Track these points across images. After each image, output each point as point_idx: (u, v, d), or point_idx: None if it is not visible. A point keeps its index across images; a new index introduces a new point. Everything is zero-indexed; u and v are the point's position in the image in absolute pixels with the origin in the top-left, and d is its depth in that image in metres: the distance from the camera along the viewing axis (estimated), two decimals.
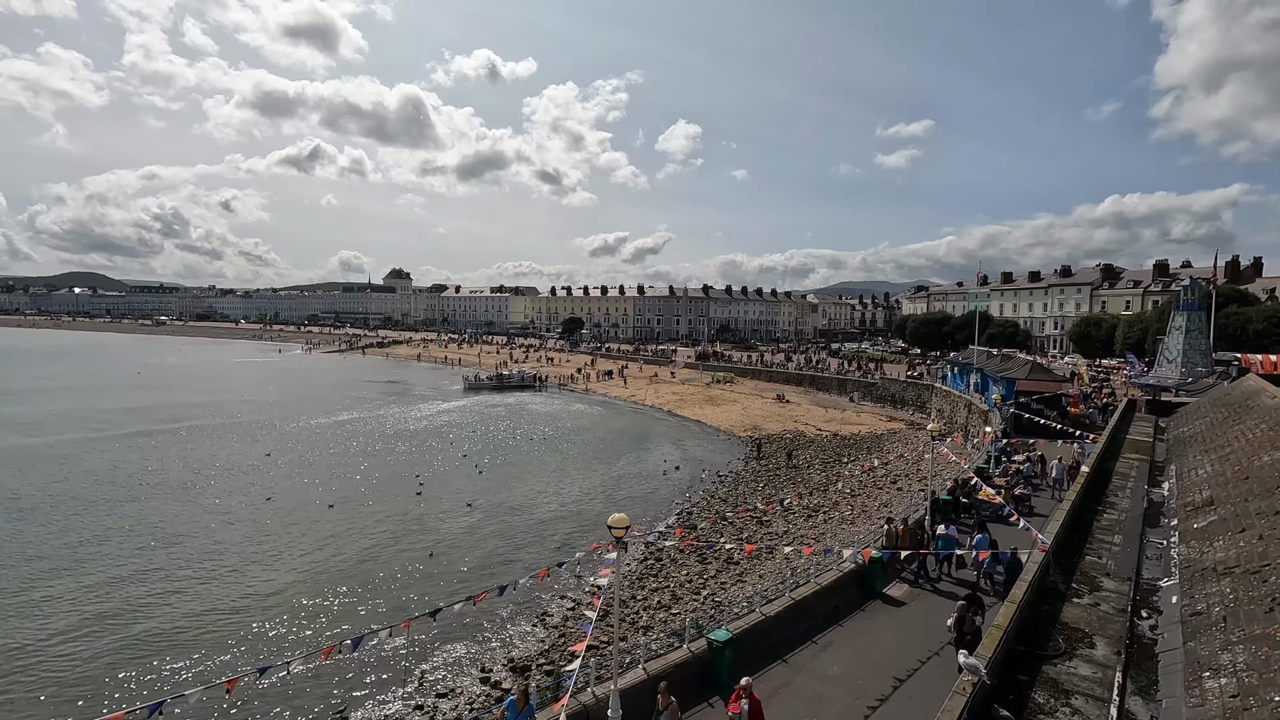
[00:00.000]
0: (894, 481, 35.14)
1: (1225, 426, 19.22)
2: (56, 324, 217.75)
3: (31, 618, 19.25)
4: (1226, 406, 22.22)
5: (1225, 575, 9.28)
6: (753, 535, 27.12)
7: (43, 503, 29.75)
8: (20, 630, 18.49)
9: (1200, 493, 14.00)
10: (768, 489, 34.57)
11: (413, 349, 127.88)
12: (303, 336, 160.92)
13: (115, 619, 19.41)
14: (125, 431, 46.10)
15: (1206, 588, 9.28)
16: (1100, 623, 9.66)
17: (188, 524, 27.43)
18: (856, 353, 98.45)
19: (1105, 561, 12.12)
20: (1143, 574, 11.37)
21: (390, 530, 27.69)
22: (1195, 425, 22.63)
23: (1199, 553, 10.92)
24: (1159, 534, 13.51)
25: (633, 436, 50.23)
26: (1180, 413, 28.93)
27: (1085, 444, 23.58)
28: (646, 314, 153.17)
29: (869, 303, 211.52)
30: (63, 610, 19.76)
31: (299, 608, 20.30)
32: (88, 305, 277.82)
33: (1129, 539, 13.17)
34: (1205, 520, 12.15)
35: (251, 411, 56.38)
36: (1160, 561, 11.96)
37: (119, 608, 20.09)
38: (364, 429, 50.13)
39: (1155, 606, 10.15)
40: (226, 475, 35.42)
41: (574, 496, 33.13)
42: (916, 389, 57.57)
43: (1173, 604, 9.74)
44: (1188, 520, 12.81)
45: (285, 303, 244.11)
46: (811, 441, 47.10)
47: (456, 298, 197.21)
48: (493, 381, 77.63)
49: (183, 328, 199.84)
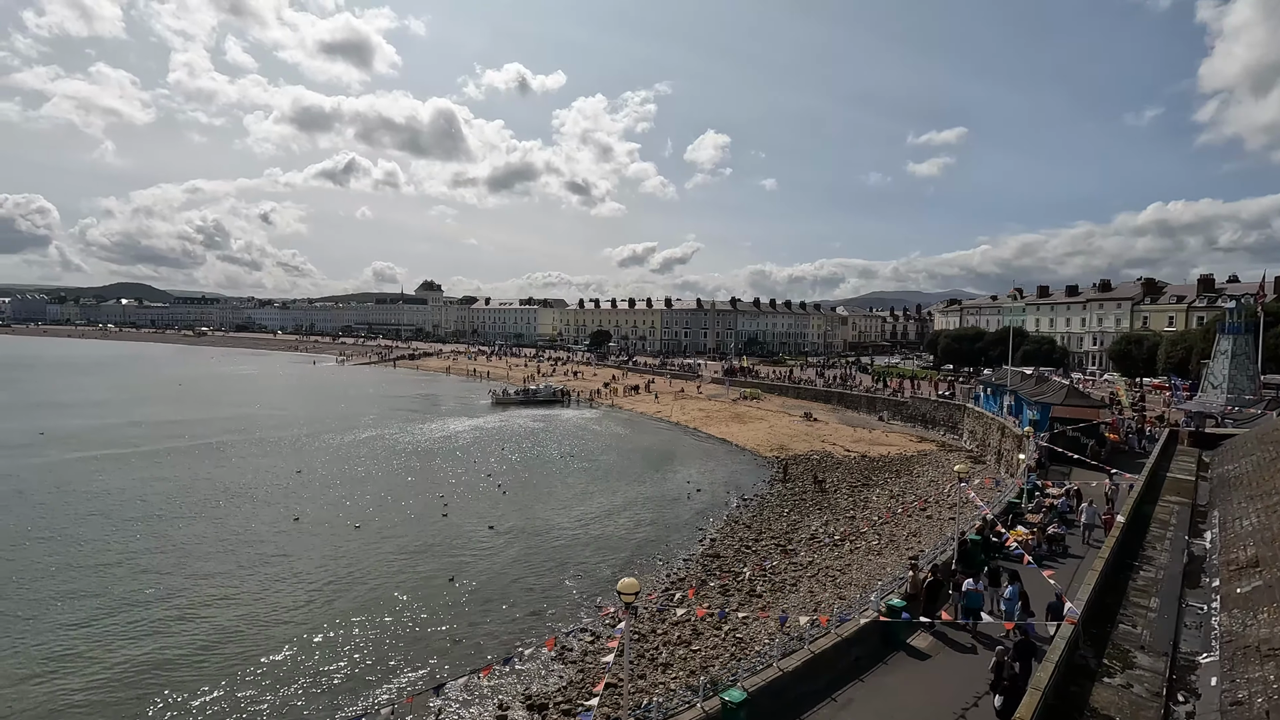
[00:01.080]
0: (923, 509, 34.32)
1: (1273, 468, 18.28)
2: (104, 334, 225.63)
3: (49, 641, 19.71)
4: (1275, 444, 21.19)
5: (1270, 658, 8.69)
6: (777, 565, 26.68)
7: (75, 522, 30.59)
8: (36, 653, 18.94)
9: (1244, 549, 13.28)
10: (793, 515, 34.04)
11: (443, 361, 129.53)
12: (337, 348, 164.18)
13: (129, 642, 19.76)
14: (163, 447, 47.34)
15: (1249, 671, 8.70)
16: (1133, 709, 9.08)
17: (215, 545, 27.93)
18: (886, 369, 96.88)
19: (1140, 631, 11.47)
20: (1180, 647, 10.75)
21: (414, 553, 27.87)
22: (1241, 464, 21.60)
23: (1242, 625, 10.29)
24: (1200, 597, 12.82)
25: (658, 455, 50.00)
26: (1225, 447, 27.70)
27: (1120, 482, 22.68)
28: (674, 327, 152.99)
29: (900, 315, 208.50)
30: (78, 634, 20.16)
31: (317, 636, 20.46)
32: (134, 316, 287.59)
33: (1166, 603, 12.50)
34: (1249, 585, 11.46)
35: (285, 426, 57.52)
36: (1200, 631, 11.30)
37: (134, 631, 20.44)
38: (392, 445, 50.76)
39: (1194, 689, 9.56)
40: (258, 493, 36.09)
41: (596, 521, 33.00)
42: (948, 409, 56.33)
43: (1212, 686, 9.17)
44: (1230, 583, 12.12)
45: (320, 314, 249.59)
46: (839, 463, 46.33)
47: (486, 310, 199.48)
48: (520, 396, 78.11)
49: (223, 338, 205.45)
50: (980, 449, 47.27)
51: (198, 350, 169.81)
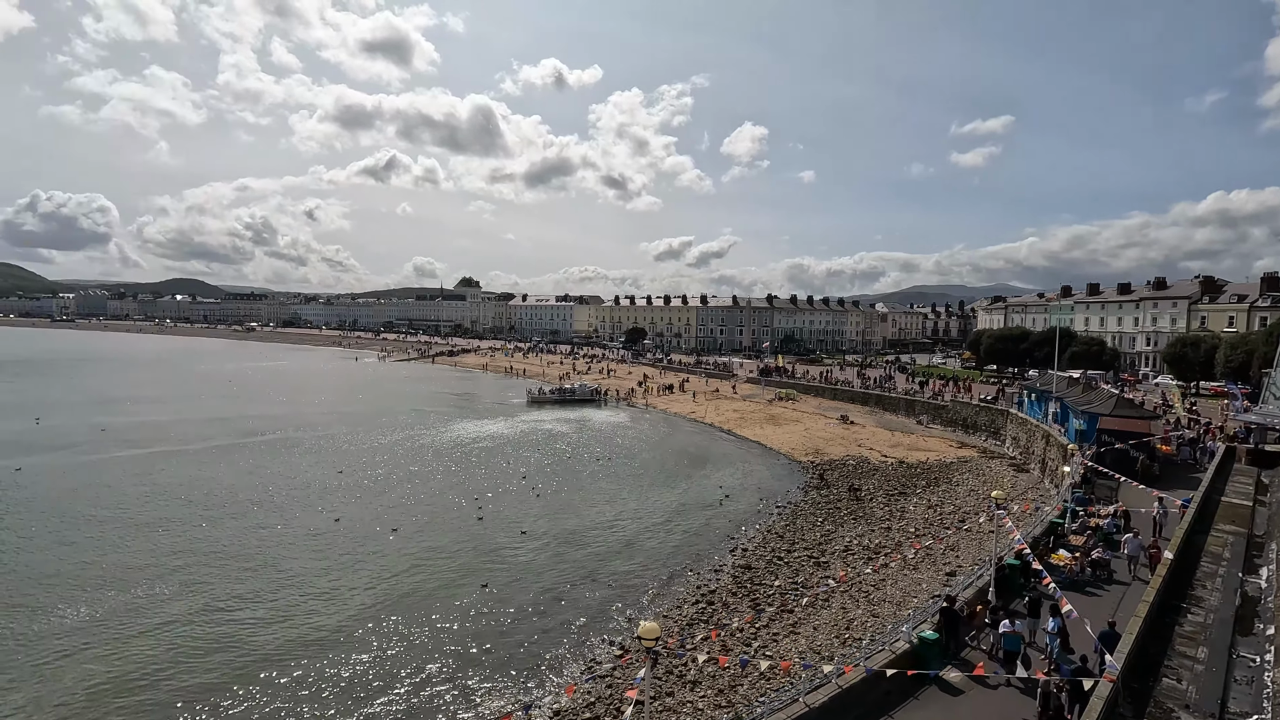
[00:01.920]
0: (962, 521, 33.51)
1: None
2: (160, 330, 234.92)
3: (80, 639, 20.58)
4: None
5: None
6: (809, 578, 26.39)
7: (124, 522, 31.89)
8: (73, 650, 19.82)
9: None
10: (827, 524, 33.59)
11: (480, 358, 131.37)
12: (378, 344, 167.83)
13: (165, 643, 20.45)
14: (211, 445, 49.11)
15: None
16: None
17: (257, 547, 28.85)
18: (927, 369, 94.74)
19: (1185, 687, 10.91)
20: (1229, 706, 10.23)
21: (449, 558, 28.37)
22: None
23: None
24: (1253, 646, 12.17)
25: (691, 458, 49.89)
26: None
27: (1168, 507, 21.71)
28: (709, 324, 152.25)
29: (942, 311, 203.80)
30: (111, 634, 20.95)
31: (351, 641, 20.98)
32: (187, 311, 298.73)
33: (1216, 653, 11.89)
34: None
35: (328, 425, 59.09)
36: (1251, 688, 10.74)
37: (171, 633, 21.12)
38: (430, 445, 51.71)
39: None
40: (301, 494, 37.17)
41: (627, 527, 33.10)
42: (990, 414, 54.83)
43: None
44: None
45: (363, 310, 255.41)
46: (875, 469, 45.54)
47: (523, 306, 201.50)
48: (555, 395, 78.75)
49: (270, 334, 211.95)
50: (1024, 456, 45.93)
51: (247, 346, 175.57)
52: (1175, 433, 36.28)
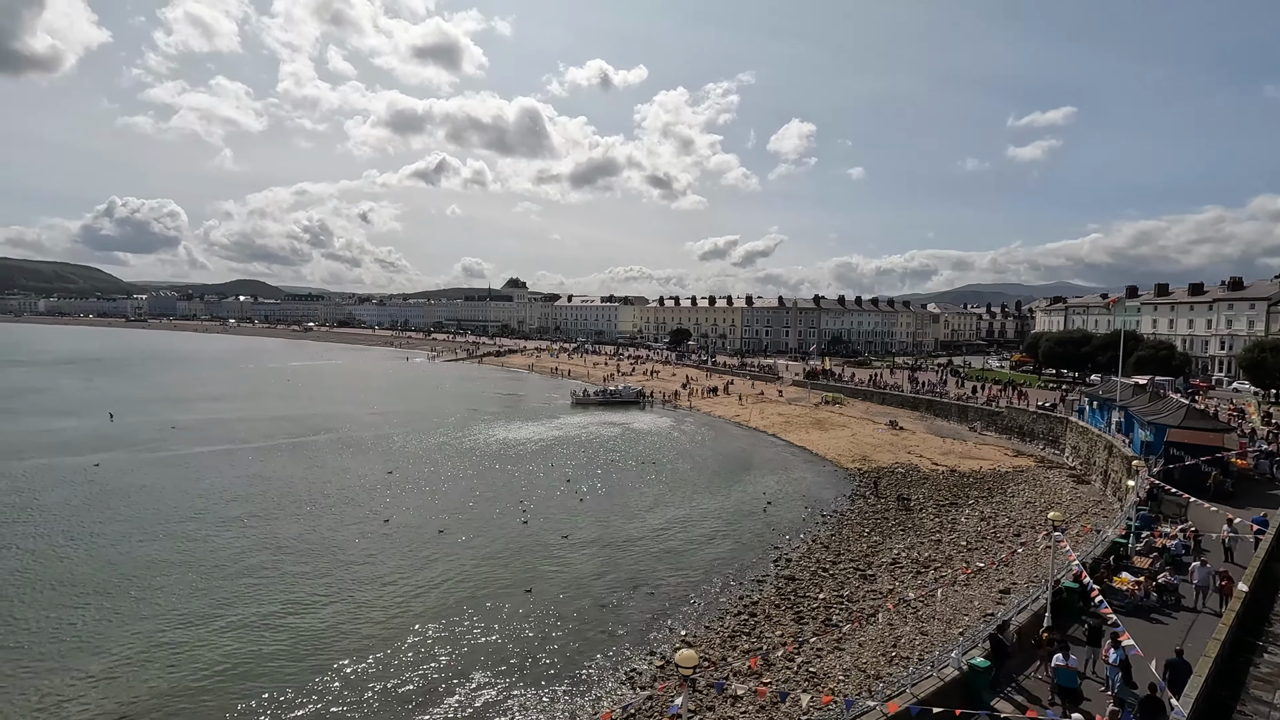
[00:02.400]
0: (1017, 534, 32.35)
1: None
2: (224, 329, 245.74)
3: (133, 639, 21.57)
4: None
5: None
6: (854, 592, 25.85)
7: (184, 519, 33.36)
8: (127, 645, 20.81)
9: None
10: (874, 535, 32.85)
11: (526, 358, 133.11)
12: (428, 344, 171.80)
13: (212, 641, 21.19)
14: (269, 444, 51.05)
15: None
16: None
17: (309, 545, 29.80)
18: (981, 372, 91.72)
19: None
20: None
21: (494, 561, 28.81)
22: None
23: None
24: None
25: (735, 463, 49.49)
26: None
27: (1241, 532, 20.44)
28: (755, 325, 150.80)
29: (997, 312, 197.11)
30: (161, 629, 21.88)
31: (397, 642, 21.46)
32: (249, 311, 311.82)
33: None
34: None
35: (379, 425, 60.78)
36: None
37: (218, 632, 21.85)
38: (477, 446, 52.65)
39: None
40: (352, 494, 38.30)
41: (670, 534, 33.02)
42: (1048, 422, 52.70)
43: None
44: None
45: (414, 310, 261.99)
46: (925, 478, 44.31)
47: (569, 307, 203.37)
48: (599, 397, 79.21)
49: (326, 334, 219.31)
50: (1085, 467, 44.01)
51: (304, 345, 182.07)
52: (1252, 448, 34.19)
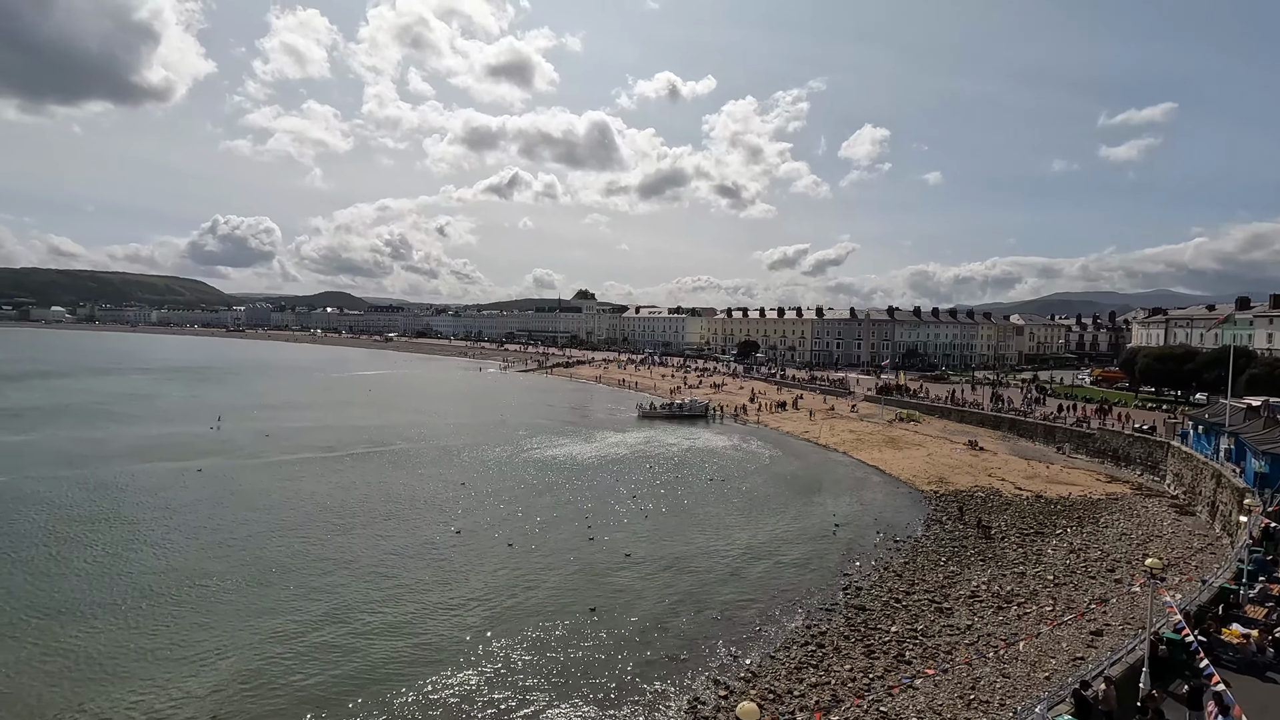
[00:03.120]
0: (1111, 570, 30.21)
1: None
2: (313, 339, 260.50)
3: (211, 643, 22.80)
4: None
5: None
6: (929, 626, 24.73)
7: (270, 523, 35.27)
8: (206, 652, 22.04)
9: None
10: (951, 565, 31.36)
11: (594, 369, 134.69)
12: (500, 354, 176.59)
13: (274, 653, 21.83)
14: (352, 452, 53.50)
15: None
16: None
17: (383, 555, 30.87)
18: (1070, 389, 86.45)
19: None
20: None
21: (561, 577, 29.16)
22: None
23: None
24: None
25: (803, 482, 48.42)
26: None
27: None
28: (825, 337, 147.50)
29: (1088, 323, 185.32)
30: (237, 639, 22.98)
31: (462, 656, 21.95)
32: (336, 322, 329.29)
33: None
34: None
35: (452, 435, 62.78)
36: None
37: (288, 643, 22.56)
38: (545, 458, 53.58)
39: None
40: (425, 504, 39.67)
41: (736, 556, 32.53)
42: (1146, 445, 49.07)
43: None
44: None
45: (488, 321, 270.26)
46: (1008, 503, 42.02)
47: (636, 318, 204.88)
48: (666, 410, 79.23)
49: (405, 344, 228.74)
50: (1188, 497, 40.73)
51: (385, 355, 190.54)
52: None
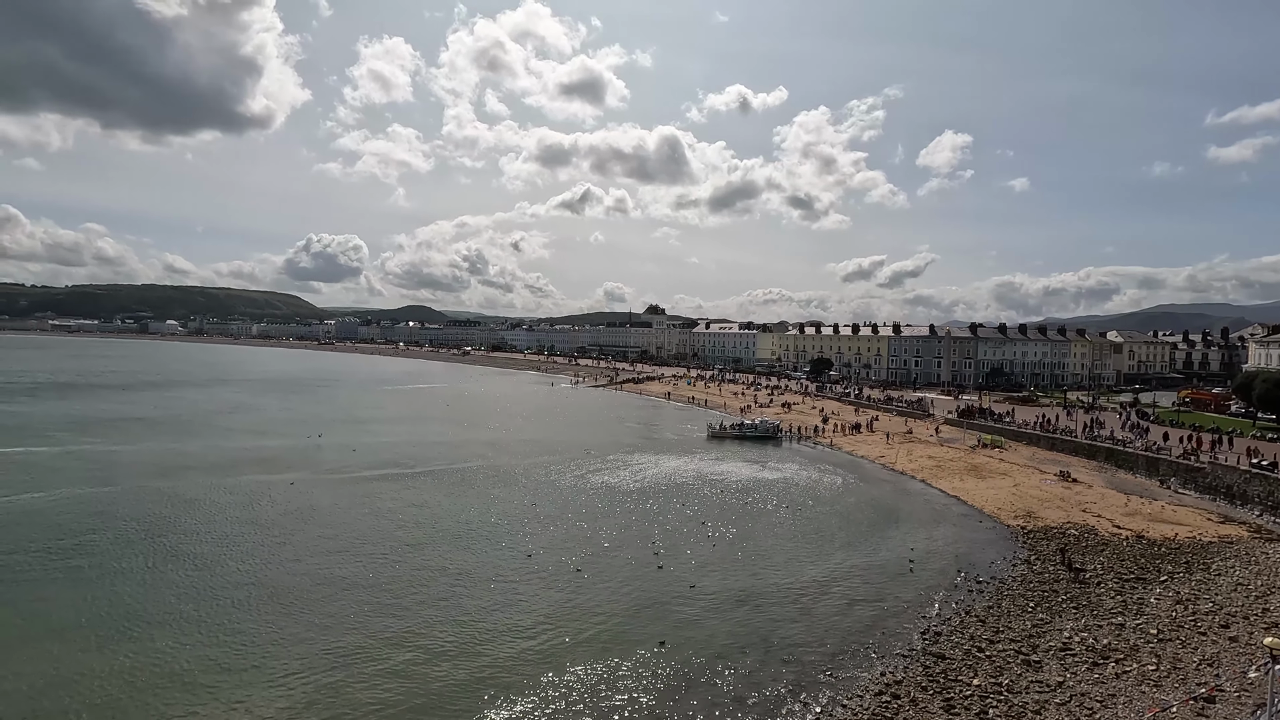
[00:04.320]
0: (1225, 625, 27.67)
1: None
2: (396, 352, 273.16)
3: (279, 665, 23.90)
4: None
5: None
6: (1015, 681, 23.35)
7: (345, 541, 36.68)
8: (253, 666, 23.11)
9: None
10: (1040, 611, 29.51)
11: (664, 386, 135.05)
12: (572, 369, 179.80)
13: (339, 681, 22.27)
14: (429, 469, 55.49)
15: None
16: None
17: (456, 578, 31.67)
18: (1177, 413, 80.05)
19: None
20: None
21: (630, 606, 29.20)
22: None
23: None
24: None
25: (878, 511, 46.84)
26: None
27: None
28: (902, 354, 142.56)
29: (1197, 340, 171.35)
30: (286, 667, 24.03)
31: (526, 688, 22.17)
32: (417, 335, 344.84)
33: None
34: None
35: (525, 452, 64.24)
36: None
37: (345, 671, 22.97)
38: (615, 479, 54.02)
39: None
40: (498, 525, 40.61)
41: (805, 592, 31.71)
42: (1266, 483, 44.87)
43: None
44: None
45: (560, 335, 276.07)
46: (1105, 543, 39.23)
47: (706, 334, 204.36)
48: (736, 431, 78.47)
49: (482, 357, 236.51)
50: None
51: (463, 368, 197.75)
52: None
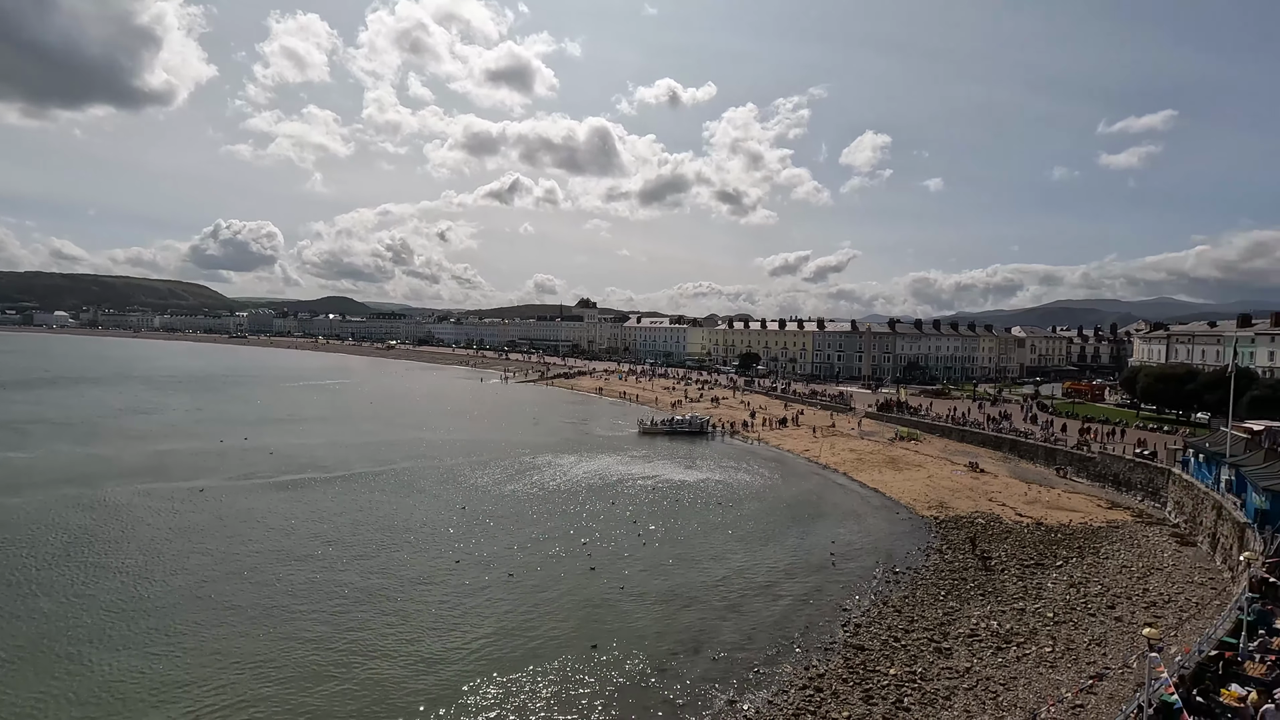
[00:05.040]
0: (1111, 607, 30.16)
1: None
2: (315, 346, 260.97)
3: (177, 682, 22.85)
4: None
5: None
6: (928, 669, 24.70)
7: (264, 551, 35.23)
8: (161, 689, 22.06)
9: None
10: (950, 599, 31.32)
11: (595, 381, 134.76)
12: (501, 364, 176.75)
13: (259, 694, 21.75)
14: (351, 473, 53.35)
15: None
16: None
17: (380, 588, 30.73)
18: (1071, 406, 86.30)
19: None
20: None
21: (562, 610, 29.17)
22: None
23: None
24: None
25: (803, 505, 48.44)
26: None
27: None
28: (826, 349, 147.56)
29: (1090, 335, 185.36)
30: (225, 674, 23.16)
31: (459, 698, 21.93)
32: (338, 329, 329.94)
33: None
34: None
35: (454, 452, 62.77)
36: None
37: (269, 681, 22.54)
38: (546, 479, 53.58)
39: None
40: (425, 530, 39.59)
41: (735, 587, 32.51)
42: (1147, 471, 49.08)
43: None
44: None
45: (489, 329, 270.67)
46: (1008, 531, 42.00)
47: (637, 328, 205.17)
48: (665, 427, 79.25)
49: (407, 352, 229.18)
50: (1190, 526, 40.71)
51: (387, 364, 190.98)
52: None
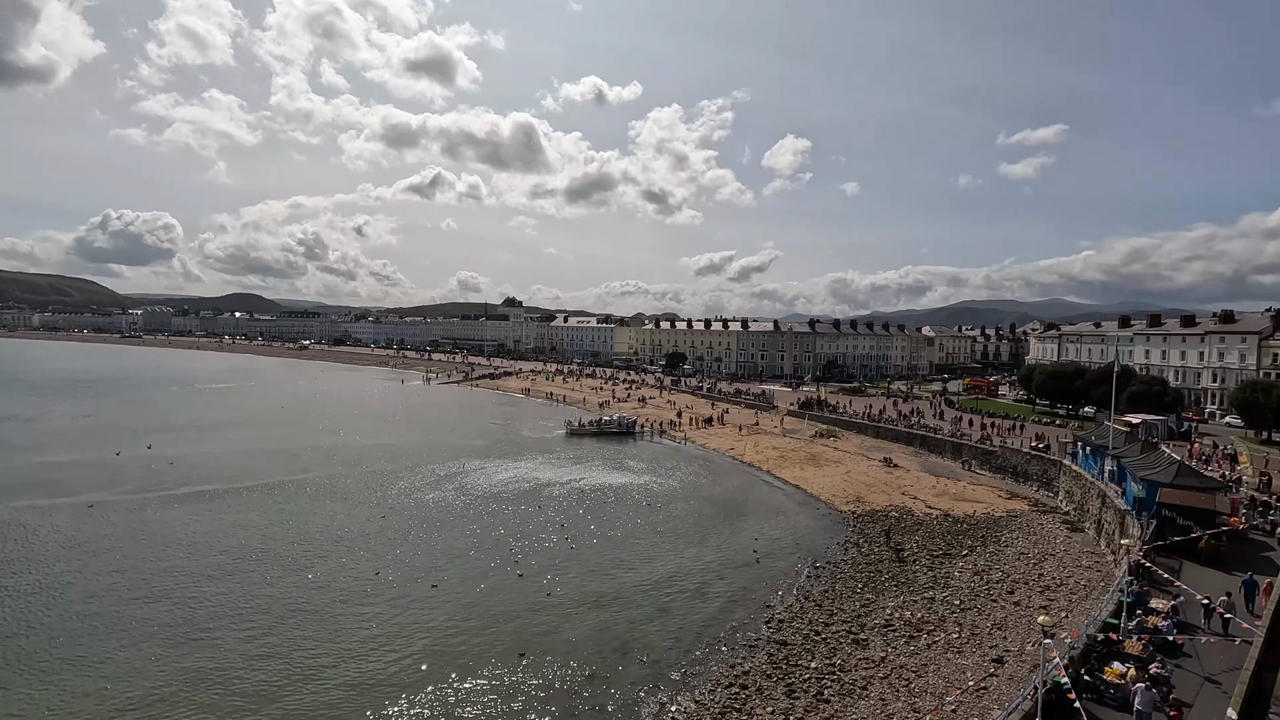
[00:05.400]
0: (1010, 592, 32.27)
1: None
2: (220, 346, 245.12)
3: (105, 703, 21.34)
4: None
5: None
6: (846, 660, 25.71)
7: (162, 571, 33.06)
8: None
9: None
10: (867, 592, 32.72)
11: (521, 382, 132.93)
12: (424, 365, 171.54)
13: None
14: (262, 483, 50.49)
15: None
16: None
17: (296, 606, 29.33)
18: (974, 401, 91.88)
19: None
20: None
21: (489, 620, 28.61)
22: None
23: None
24: None
25: (728, 504, 49.38)
26: None
27: (1222, 610, 20.33)
28: (750, 349, 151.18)
29: (991, 334, 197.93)
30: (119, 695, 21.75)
31: (385, 715, 21.31)
32: (245, 328, 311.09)
33: None
34: None
35: (374, 459, 60.36)
36: None
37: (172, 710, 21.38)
38: (472, 484, 52.40)
39: None
40: (342, 542, 37.90)
41: (662, 589, 32.82)
42: (1042, 463, 52.82)
43: None
44: None
45: (410, 329, 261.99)
46: (919, 523, 44.25)
47: (565, 327, 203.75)
48: (593, 428, 79.13)
49: (322, 352, 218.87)
50: (1078, 514, 44.07)
51: (300, 365, 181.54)
52: (1240, 498, 34.22)
